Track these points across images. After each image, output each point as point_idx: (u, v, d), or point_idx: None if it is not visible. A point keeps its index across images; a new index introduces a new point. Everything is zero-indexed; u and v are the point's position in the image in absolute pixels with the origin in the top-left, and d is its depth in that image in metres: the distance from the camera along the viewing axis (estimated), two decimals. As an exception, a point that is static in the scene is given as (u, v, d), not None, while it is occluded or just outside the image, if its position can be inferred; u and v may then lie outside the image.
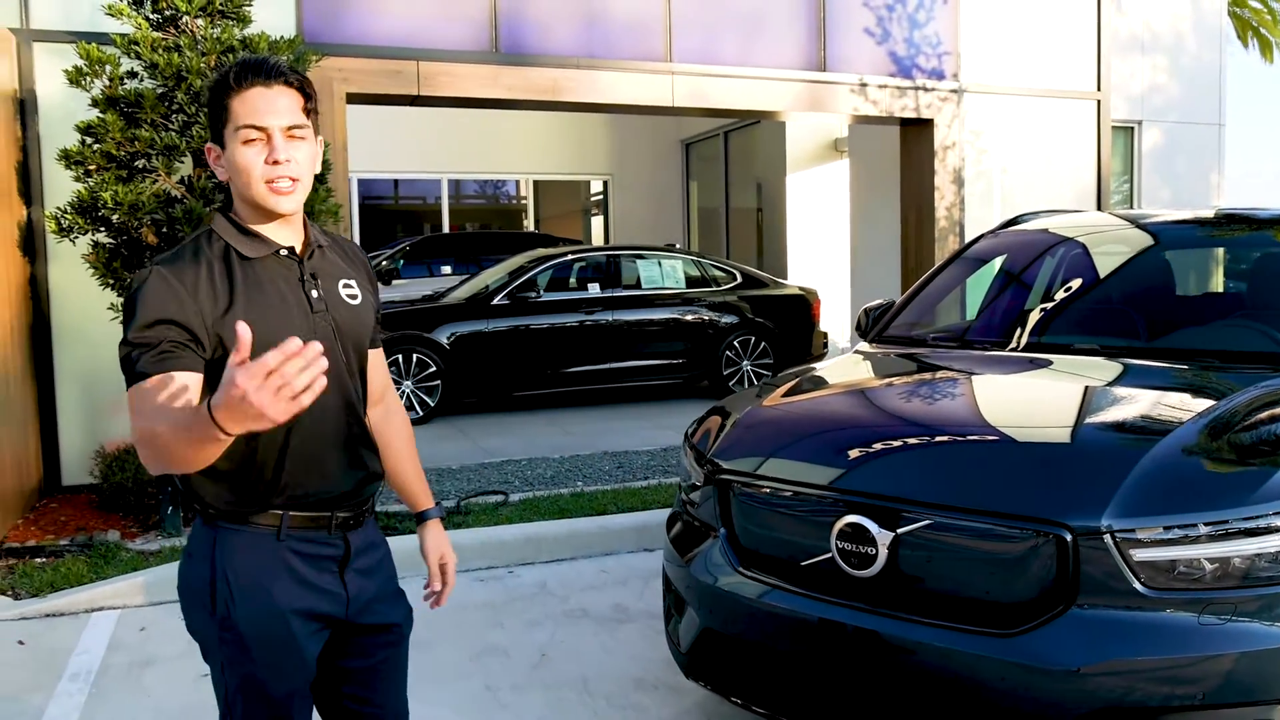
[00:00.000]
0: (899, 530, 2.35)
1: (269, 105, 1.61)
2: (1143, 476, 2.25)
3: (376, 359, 1.91)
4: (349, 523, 1.76)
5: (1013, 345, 3.44)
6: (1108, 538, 2.16)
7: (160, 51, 4.99)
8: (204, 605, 1.70)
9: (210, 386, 1.55)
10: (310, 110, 1.67)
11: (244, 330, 1.29)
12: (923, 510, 2.34)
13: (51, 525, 5.11)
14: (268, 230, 1.70)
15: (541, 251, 9.19)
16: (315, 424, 1.67)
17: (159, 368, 1.52)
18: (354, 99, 6.23)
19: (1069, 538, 2.18)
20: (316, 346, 1.27)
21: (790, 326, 9.11)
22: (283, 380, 1.24)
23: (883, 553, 2.36)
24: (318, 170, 1.73)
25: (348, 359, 1.74)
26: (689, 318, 8.77)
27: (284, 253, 1.70)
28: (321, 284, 1.73)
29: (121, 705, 3.35)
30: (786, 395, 3.12)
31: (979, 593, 2.29)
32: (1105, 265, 3.86)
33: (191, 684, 3.48)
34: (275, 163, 1.62)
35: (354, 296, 1.77)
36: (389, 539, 1.93)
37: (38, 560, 4.62)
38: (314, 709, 1.85)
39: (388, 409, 1.97)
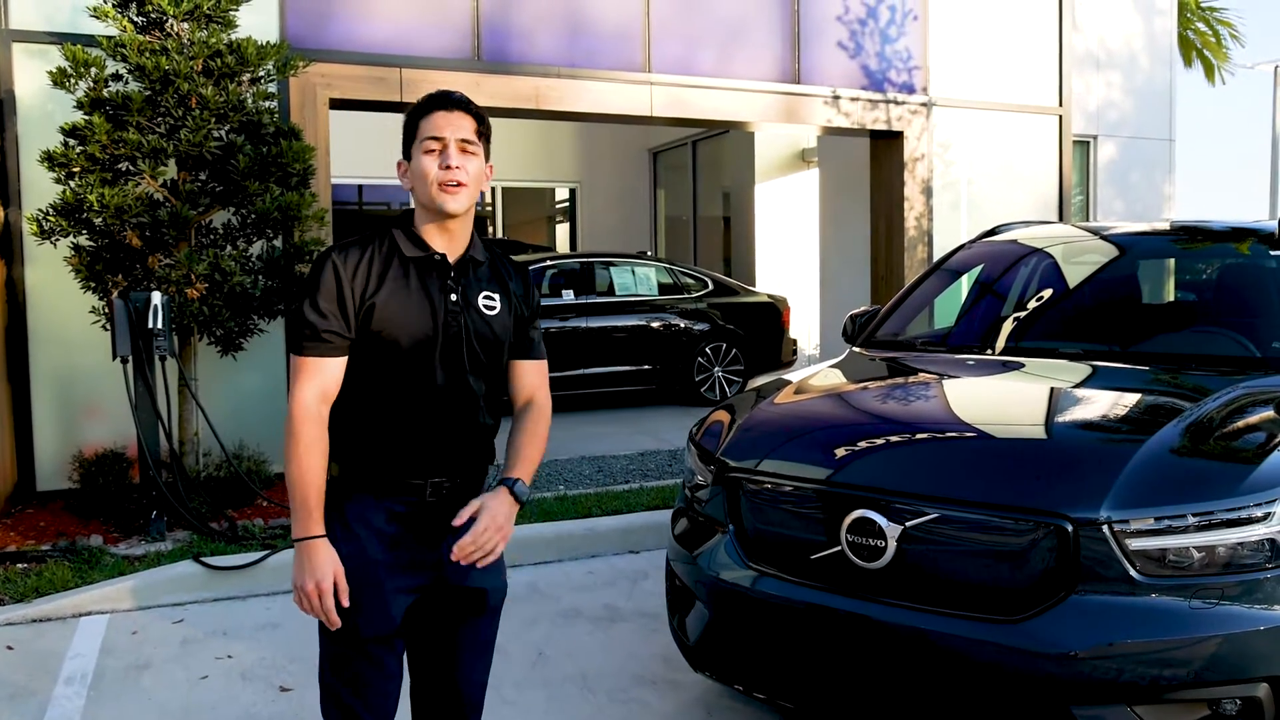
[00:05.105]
0: (907, 524, 2.46)
1: (448, 123, 1.94)
2: (1136, 471, 2.39)
3: (533, 368, 2.16)
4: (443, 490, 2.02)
5: (1000, 349, 3.59)
6: (1105, 528, 2.30)
7: (148, 54, 4.97)
8: None
9: (351, 356, 1.96)
10: (482, 134, 1.99)
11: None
12: (930, 504, 2.45)
13: (31, 530, 5.04)
14: (430, 236, 1.99)
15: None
16: (430, 407, 1.97)
17: (313, 351, 1.92)
18: (337, 104, 6.23)
19: (1070, 528, 2.30)
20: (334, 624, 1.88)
21: (761, 333, 9.24)
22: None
23: (891, 545, 2.46)
24: (485, 189, 2.03)
25: (472, 357, 2.01)
26: (662, 325, 8.87)
27: (437, 257, 1.99)
28: (464, 289, 2.01)
29: (122, 707, 3.33)
30: (790, 396, 3.23)
31: (983, 581, 2.41)
32: (1082, 274, 4.03)
33: (191, 686, 3.48)
34: (447, 168, 1.92)
35: (491, 308, 2.04)
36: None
37: (20, 565, 4.56)
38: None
39: (534, 404, 2.16)
